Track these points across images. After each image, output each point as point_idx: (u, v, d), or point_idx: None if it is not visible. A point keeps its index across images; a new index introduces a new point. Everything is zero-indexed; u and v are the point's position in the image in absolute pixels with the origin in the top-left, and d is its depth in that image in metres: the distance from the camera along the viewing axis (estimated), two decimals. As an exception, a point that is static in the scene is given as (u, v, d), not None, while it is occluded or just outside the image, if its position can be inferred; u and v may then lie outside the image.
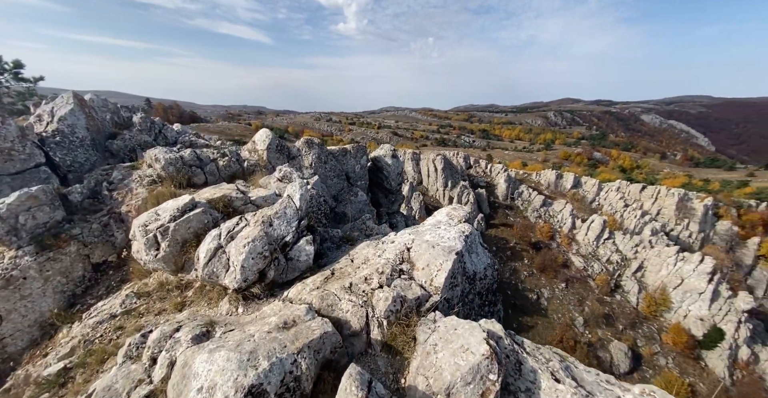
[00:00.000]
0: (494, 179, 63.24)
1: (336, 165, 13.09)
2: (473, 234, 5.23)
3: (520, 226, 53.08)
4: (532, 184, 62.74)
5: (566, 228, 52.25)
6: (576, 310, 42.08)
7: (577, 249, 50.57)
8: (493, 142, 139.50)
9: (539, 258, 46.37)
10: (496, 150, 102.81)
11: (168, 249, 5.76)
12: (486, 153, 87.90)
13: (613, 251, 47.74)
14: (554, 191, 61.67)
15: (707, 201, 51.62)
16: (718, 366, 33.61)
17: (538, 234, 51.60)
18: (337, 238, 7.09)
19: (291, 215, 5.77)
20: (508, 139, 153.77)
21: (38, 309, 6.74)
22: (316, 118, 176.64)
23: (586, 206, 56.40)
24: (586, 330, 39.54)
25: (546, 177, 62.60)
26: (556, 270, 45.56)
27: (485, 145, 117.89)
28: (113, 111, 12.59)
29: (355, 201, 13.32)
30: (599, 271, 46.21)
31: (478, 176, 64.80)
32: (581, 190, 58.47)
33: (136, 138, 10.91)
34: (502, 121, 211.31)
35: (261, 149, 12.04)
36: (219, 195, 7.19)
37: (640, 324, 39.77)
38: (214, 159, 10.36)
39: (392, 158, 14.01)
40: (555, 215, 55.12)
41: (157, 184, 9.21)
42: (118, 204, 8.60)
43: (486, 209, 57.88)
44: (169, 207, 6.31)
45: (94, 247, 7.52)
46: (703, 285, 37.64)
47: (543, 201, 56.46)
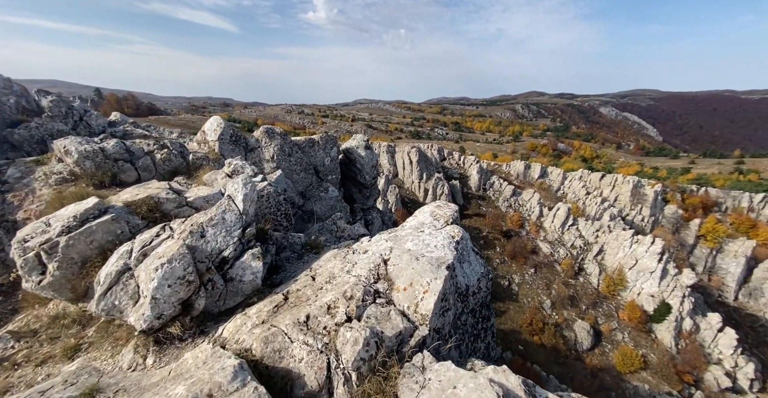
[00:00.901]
0: (467, 170, 63.72)
1: (302, 157, 11.52)
2: (465, 238, 4.10)
3: (492, 216, 53.93)
4: (502, 174, 63.86)
5: (534, 217, 53.76)
6: (544, 294, 43.58)
7: (544, 236, 52.19)
8: (466, 134, 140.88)
9: (510, 246, 47.41)
10: (468, 142, 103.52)
11: (58, 272, 4.13)
12: (459, 145, 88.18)
13: (576, 237, 49.72)
14: (523, 181, 63.17)
15: (657, 187, 55.03)
16: (666, 337, 36.21)
17: (509, 222, 52.73)
18: (299, 246, 5.72)
19: (232, 222, 4.33)
20: (479, 132, 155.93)
21: None
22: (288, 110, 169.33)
23: (552, 195, 58.25)
24: (553, 312, 41.10)
25: (515, 167, 63.92)
26: (526, 256, 46.86)
27: (458, 138, 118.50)
28: (20, 94, 10.12)
29: (325, 198, 11.88)
30: (564, 256, 48.06)
31: (451, 168, 64.94)
32: (548, 180, 60.26)
33: (47, 126, 8.73)
34: (474, 114, 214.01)
35: (212, 140, 10.22)
36: (143, 196, 5.53)
37: (601, 303, 41.97)
38: (150, 151, 8.47)
39: (366, 149, 12.65)
40: (524, 204, 56.52)
41: (69, 182, 7.27)
42: (13, 209, 6.63)
43: (460, 200, 58.19)
44: (65, 215, 4.62)
45: (-28, 267, 5.62)
46: (654, 264, 40.25)
47: (513, 191, 57.65)
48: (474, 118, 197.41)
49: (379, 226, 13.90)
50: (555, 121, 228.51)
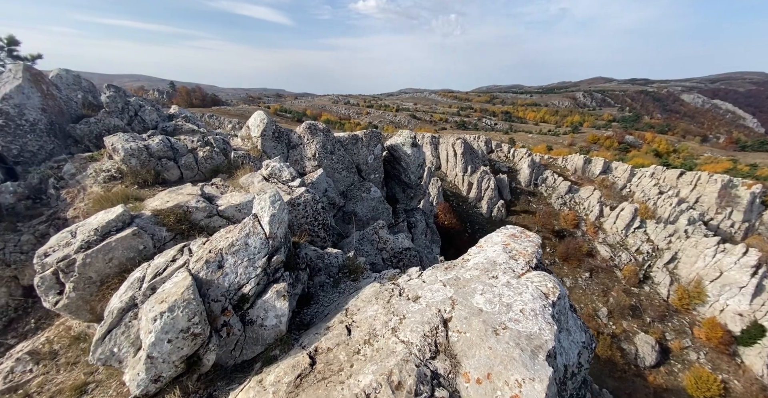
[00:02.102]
0: (517, 164, 59.25)
1: (345, 155, 10.65)
2: (563, 296, 2.79)
3: (543, 213, 49.73)
4: (557, 169, 58.30)
5: (593, 216, 48.45)
6: (600, 301, 39.37)
7: (603, 238, 46.94)
8: (517, 124, 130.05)
9: (562, 246, 43.36)
10: (519, 133, 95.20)
11: (74, 293, 3.69)
12: (508, 136, 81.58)
13: (643, 241, 43.88)
14: (581, 177, 57.08)
15: (755, 188, 46.01)
16: (756, 363, 30.69)
17: (562, 221, 48.23)
18: (336, 268, 4.82)
19: (256, 248, 3.52)
20: (532, 122, 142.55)
21: (-55, 352, 4.99)
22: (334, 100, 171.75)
23: (615, 193, 51.81)
24: (610, 322, 37.05)
25: (573, 162, 57.84)
26: (580, 259, 42.61)
27: (508, 128, 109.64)
28: (87, 90, 10.52)
29: (367, 198, 10.97)
30: (627, 261, 42.82)
31: (499, 161, 60.88)
32: (611, 176, 53.64)
33: (104, 121, 8.86)
34: (527, 103, 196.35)
35: (255, 136, 9.74)
36: (172, 204, 5.01)
37: (670, 317, 36.83)
38: (193, 149, 8.16)
39: (412, 147, 11.41)
40: (581, 202, 51.19)
41: (116, 180, 7.15)
42: (65, 207, 6.64)
43: (507, 195, 54.52)
44: (90, 226, 4.20)
45: (21, 266, 5.62)
46: (746, 278, 34.04)
47: (569, 188, 52.41)
48: (527, 107, 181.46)
49: (422, 229, 12.72)
50: (623, 110, 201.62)
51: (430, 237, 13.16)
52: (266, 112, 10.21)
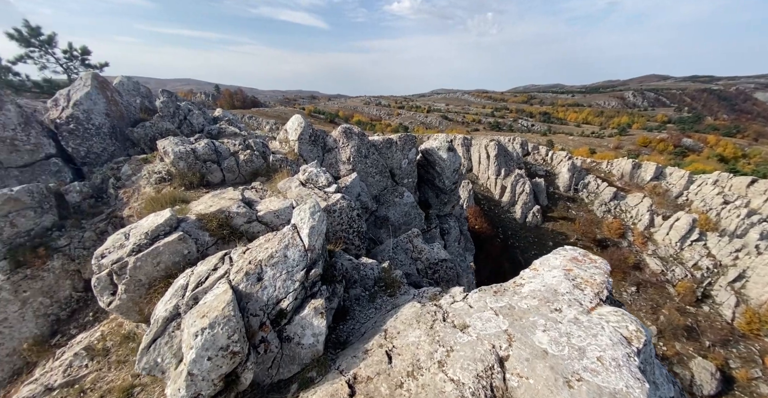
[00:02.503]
0: (555, 167, 56.08)
1: (379, 159, 10.50)
2: (648, 342, 2.31)
3: (583, 221, 46.56)
4: (601, 173, 54.35)
5: (642, 226, 44.58)
6: (648, 318, 36.04)
7: (654, 250, 43.00)
8: (556, 126, 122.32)
9: (605, 257, 40.16)
10: (558, 135, 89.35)
11: (125, 295, 3.83)
12: (546, 138, 76.98)
13: (703, 255, 39.52)
14: (629, 183, 52.72)
15: None
16: (840, 405, 26.38)
17: (606, 230, 44.83)
18: (372, 281, 4.64)
19: (295, 261, 3.42)
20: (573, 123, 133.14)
21: (17, 336, 5.48)
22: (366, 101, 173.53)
23: (669, 201, 47.18)
24: (660, 342, 33.77)
25: (619, 166, 53.59)
26: (626, 271, 39.28)
27: (546, 130, 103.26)
28: (145, 95, 11.31)
29: (400, 203, 10.74)
30: (682, 277, 38.78)
31: (536, 164, 58.01)
32: (664, 183, 48.90)
33: (157, 125, 9.46)
34: (568, 103, 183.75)
35: (292, 139, 9.89)
36: (214, 209, 5.11)
37: (735, 342, 32.77)
38: (235, 152, 8.42)
39: (448, 152, 11.00)
40: (628, 210, 47.34)
41: (166, 182, 7.53)
42: (121, 206, 7.10)
43: (544, 200, 51.79)
44: (142, 228, 4.37)
45: (83, 261, 6.06)
46: (831, 306, 29.40)
47: (614, 194, 48.69)
48: (568, 107, 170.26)
49: (455, 237, 12.25)
50: (681, 110, 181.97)
51: (464, 244, 12.64)
52: (302, 115, 10.34)
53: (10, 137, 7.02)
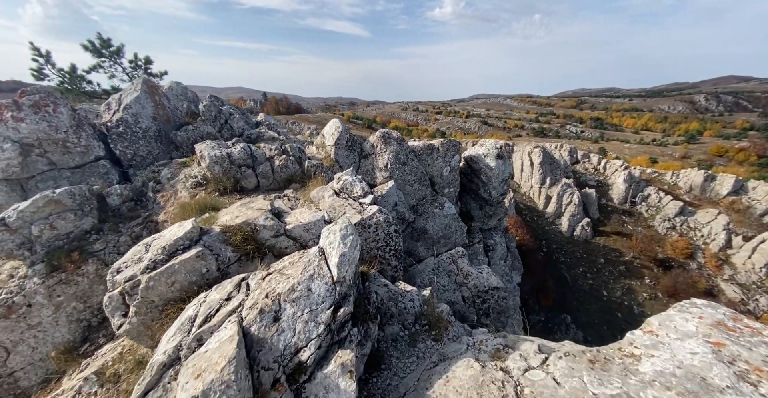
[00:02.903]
0: (609, 177, 51.33)
1: (418, 166, 9.68)
2: None
3: (642, 238, 41.78)
4: (664, 185, 48.61)
5: (716, 246, 38.98)
6: (721, 358, 30.90)
7: (731, 275, 37.30)
8: (610, 132, 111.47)
9: (668, 279, 35.52)
10: (612, 143, 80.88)
11: (135, 319, 3.41)
12: (598, 146, 70.12)
13: (795, 286, 33.42)
14: (699, 197, 46.48)
15: None
16: None
17: (669, 249, 39.73)
18: (412, 317, 3.82)
19: (320, 296, 2.73)
20: (630, 130, 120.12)
21: (50, 341, 5.43)
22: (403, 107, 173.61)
23: (752, 220, 40.66)
24: (737, 388, 28.71)
25: (687, 178, 47.50)
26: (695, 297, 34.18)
27: (598, 137, 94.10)
28: (191, 99, 11.61)
29: (439, 215, 9.80)
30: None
31: (586, 173, 53.56)
32: (745, 198, 42.31)
33: (199, 129, 9.54)
34: (624, 108, 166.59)
35: (329, 145, 9.44)
36: (240, 220, 4.64)
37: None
38: (270, 157, 8.10)
39: (497, 160, 9.88)
40: (698, 228, 41.75)
41: (201, 187, 7.37)
42: (158, 210, 7.02)
43: (594, 213, 47.47)
44: (163, 240, 4.00)
45: (116, 267, 5.95)
46: None
47: (680, 209, 43.24)
48: (624, 112, 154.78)
49: (501, 254, 10.98)
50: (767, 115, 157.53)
51: (511, 262, 11.33)
52: (341, 120, 9.86)
53: (62, 139, 7.28)
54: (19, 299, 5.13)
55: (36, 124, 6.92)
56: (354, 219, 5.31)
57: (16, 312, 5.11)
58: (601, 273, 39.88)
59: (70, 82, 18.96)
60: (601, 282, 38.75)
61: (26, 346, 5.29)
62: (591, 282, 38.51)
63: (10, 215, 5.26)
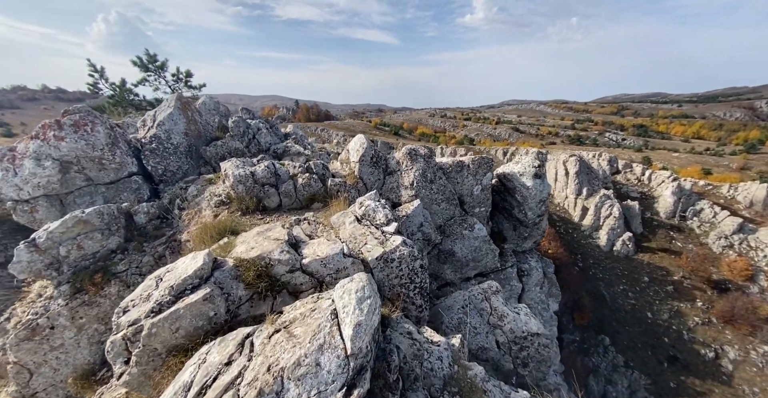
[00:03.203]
0: (654, 189, 47.40)
1: (446, 184, 9.07)
2: None
3: (693, 256, 37.94)
4: (719, 199, 43.91)
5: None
6: (790, 394, 26.99)
7: (803, 304, 32.78)
8: (655, 140, 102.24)
9: (724, 303, 31.75)
10: (658, 151, 73.86)
11: (136, 369, 3.14)
12: (642, 155, 64.43)
13: None
14: (761, 213, 41.45)
15: None
16: None
17: (725, 270, 35.67)
18: (440, 381, 3.24)
19: (330, 374, 2.27)
20: (679, 138, 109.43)
21: (72, 363, 5.42)
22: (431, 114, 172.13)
23: (829, 242, 35.53)
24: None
25: (747, 191, 42.61)
26: (755, 325, 30.31)
27: (642, 145, 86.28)
28: (223, 114, 11.83)
29: (468, 237, 9.09)
30: None
31: (628, 184, 49.86)
32: (821, 216, 37.18)
33: (228, 144, 9.59)
34: (672, 114, 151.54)
35: (353, 161, 9.10)
36: (255, 253, 4.32)
37: None
38: (294, 175, 7.88)
39: (534, 179, 9.02)
40: (760, 247, 37.29)
41: (224, 206, 7.25)
42: (182, 228, 6.97)
43: (638, 227, 43.92)
44: (169, 280, 3.75)
45: (137, 289, 5.89)
46: None
47: (739, 226, 38.89)
48: (672, 119, 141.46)
49: (537, 280, 10.00)
50: None
51: (548, 289, 10.31)
52: (368, 128, 9.50)
53: (99, 157, 7.49)
54: (43, 321, 5.16)
55: (75, 142, 7.17)
56: (376, 251, 4.83)
57: (40, 334, 5.14)
58: (645, 293, 36.46)
59: (119, 95, 20.34)
60: (645, 303, 35.40)
61: (48, 368, 5.30)
62: (633, 303, 35.28)
63: (41, 236, 5.34)
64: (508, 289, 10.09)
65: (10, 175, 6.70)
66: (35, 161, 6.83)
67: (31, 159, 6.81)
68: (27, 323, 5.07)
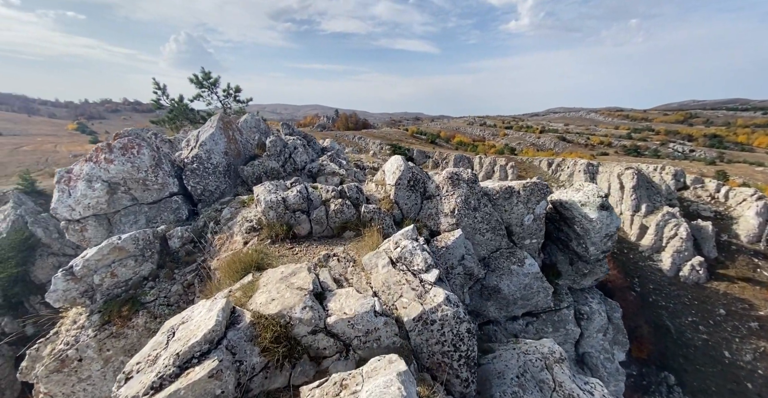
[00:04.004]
0: (733, 209, 41.15)
1: (492, 212, 8.01)
2: None
3: (786, 291, 31.88)
4: (821, 223, 36.78)
5: None
6: None
7: None
8: (733, 152, 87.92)
9: (830, 354, 25.99)
10: (737, 165, 63.06)
11: (129, 458, 2.67)
12: (716, 168, 55.53)
13: None
14: None
15: None
16: None
17: (832, 312, 29.45)
18: None
19: None
20: (764, 149, 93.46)
21: (98, 395, 5.29)
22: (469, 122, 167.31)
23: None
24: None
25: None
26: None
27: (715, 158, 74.13)
28: (263, 131, 11.88)
29: (518, 273, 7.91)
30: None
31: (698, 201, 43.85)
32: None
33: (264, 164, 9.44)
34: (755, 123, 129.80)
35: (389, 184, 8.43)
36: (274, 309, 3.76)
37: None
38: (326, 200, 7.38)
39: (600, 211, 7.62)
40: None
41: (255, 232, 6.93)
42: (213, 254, 6.75)
43: (710, 251, 38.27)
44: (182, 337, 3.30)
45: (165, 320, 5.67)
46: None
47: None
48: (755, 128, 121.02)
49: (600, 325, 8.44)
50: None
51: (612, 336, 8.69)
52: (403, 158, 8.79)
53: (143, 178, 7.62)
54: (72, 353, 5.07)
55: (122, 164, 7.35)
56: (413, 310, 4.04)
57: (69, 366, 5.05)
58: (720, 328, 31.13)
59: (177, 110, 21.88)
60: (721, 340, 30.16)
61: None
62: (705, 338, 30.24)
63: (77, 264, 5.32)
64: (563, 334, 8.65)
65: (65, 196, 6.99)
66: (87, 183, 7.07)
67: (84, 180, 7.06)
68: (57, 354, 5.02)
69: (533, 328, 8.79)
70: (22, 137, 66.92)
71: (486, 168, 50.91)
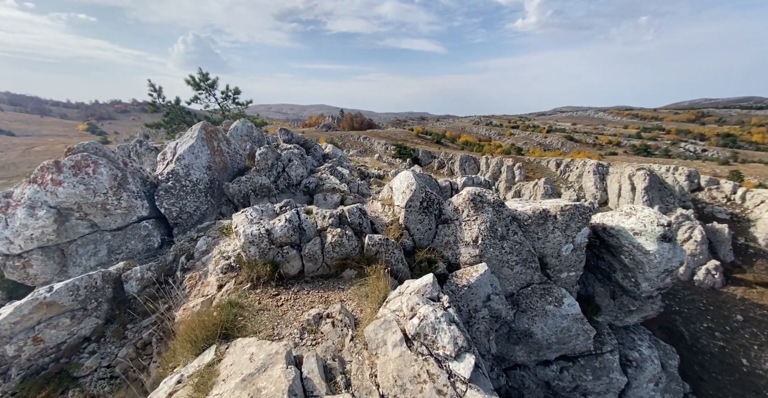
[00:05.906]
0: (750, 211, 38.79)
1: (522, 241, 6.43)
2: None
3: (811, 300, 29.66)
4: None
5: None
6: None
7: None
8: (748, 151, 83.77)
9: None
10: (751, 165, 59.73)
11: None
12: (730, 168, 52.67)
13: None
14: None
15: None
16: None
17: None
18: None
19: None
20: None
21: None
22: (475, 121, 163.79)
23: None
24: None
25: None
26: None
27: (729, 157, 70.08)
28: (256, 140, 10.39)
29: (554, 314, 6.34)
30: None
31: (713, 203, 41.52)
32: None
33: (252, 180, 7.94)
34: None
35: (398, 205, 6.89)
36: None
37: None
38: (322, 229, 5.87)
39: (660, 242, 6.00)
40: None
41: (233, 271, 5.46)
42: (177, 303, 5.29)
43: (727, 255, 35.93)
44: None
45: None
46: None
47: None
48: None
49: (653, 374, 6.85)
50: None
51: (665, 384, 7.11)
52: (414, 173, 7.21)
53: (101, 202, 6.18)
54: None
55: (73, 187, 5.91)
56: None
57: None
58: (738, 335, 29.13)
59: (173, 113, 20.50)
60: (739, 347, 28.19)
61: None
62: (722, 345, 28.30)
63: (-17, 332, 3.90)
64: (605, 383, 7.08)
65: (1, 227, 5.59)
66: (29, 210, 5.65)
67: (25, 207, 5.64)
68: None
69: (569, 375, 7.24)
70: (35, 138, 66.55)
71: (492, 168, 49.03)
